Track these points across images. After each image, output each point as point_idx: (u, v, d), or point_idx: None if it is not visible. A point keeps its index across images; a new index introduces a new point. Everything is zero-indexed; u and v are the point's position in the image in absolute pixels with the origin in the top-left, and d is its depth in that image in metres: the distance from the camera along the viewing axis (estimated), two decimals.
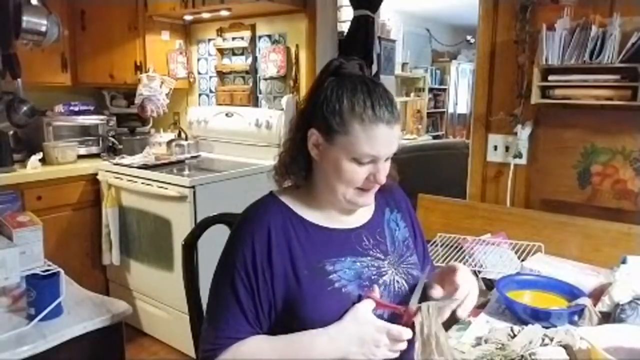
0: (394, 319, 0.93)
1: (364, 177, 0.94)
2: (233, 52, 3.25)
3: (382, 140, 0.91)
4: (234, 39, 3.20)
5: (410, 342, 0.90)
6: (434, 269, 1.20)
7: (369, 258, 1.00)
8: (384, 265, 1.01)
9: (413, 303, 0.93)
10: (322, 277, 0.94)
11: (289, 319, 0.93)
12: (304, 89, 2.89)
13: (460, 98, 7.33)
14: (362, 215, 1.06)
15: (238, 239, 0.97)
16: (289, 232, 0.96)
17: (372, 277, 0.98)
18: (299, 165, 1.00)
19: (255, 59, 3.11)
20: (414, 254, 1.10)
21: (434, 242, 1.78)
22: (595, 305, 1.21)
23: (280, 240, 0.95)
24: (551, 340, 1.05)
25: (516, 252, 1.73)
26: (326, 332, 0.90)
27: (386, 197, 1.11)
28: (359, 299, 0.93)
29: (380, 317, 0.93)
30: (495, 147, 2.20)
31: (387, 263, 1.02)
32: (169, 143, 3.16)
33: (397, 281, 1.01)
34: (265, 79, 3.10)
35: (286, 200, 1.01)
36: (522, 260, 1.63)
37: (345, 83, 0.94)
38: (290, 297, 0.93)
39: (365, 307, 0.91)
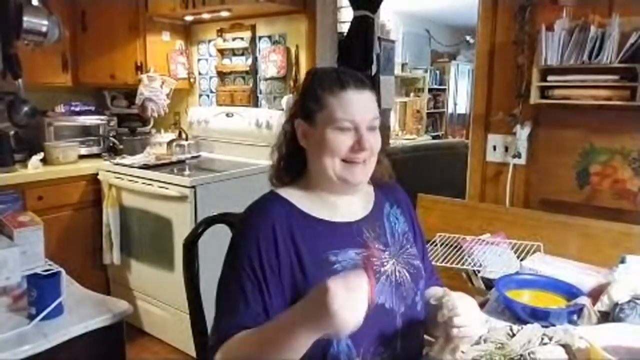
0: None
1: (349, 145, 0.99)
2: (233, 52, 3.25)
3: (354, 104, 0.99)
4: (234, 39, 3.20)
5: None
6: (437, 280, 1.22)
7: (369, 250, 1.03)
8: (385, 257, 1.05)
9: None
10: (326, 267, 0.97)
11: None
12: None
13: (460, 98, 7.34)
14: (362, 208, 1.09)
15: (244, 239, 0.98)
16: (293, 227, 0.99)
17: (374, 268, 0.98)
18: (293, 161, 1.07)
19: (255, 60, 3.12)
20: (414, 246, 1.13)
21: (434, 242, 1.78)
22: (594, 304, 1.21)
23: (286, 235, 0.98)
24: (550, 339, 1.05)
25: (515, 252, 1.74)
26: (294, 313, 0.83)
27: (386, 194, 1.15)
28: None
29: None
30: (495, 147, 2.21)
31: (388, 254, 1.05)
32: (169, 143, 3.16)
33: (399, 271, 1.04)
34: (266, 80, 3.10)
35: (287, 195, 1.05)
36: (522, 260, 1.63)
37: (318, 76, 1.05)
38: (298, 289, 0.95)
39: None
